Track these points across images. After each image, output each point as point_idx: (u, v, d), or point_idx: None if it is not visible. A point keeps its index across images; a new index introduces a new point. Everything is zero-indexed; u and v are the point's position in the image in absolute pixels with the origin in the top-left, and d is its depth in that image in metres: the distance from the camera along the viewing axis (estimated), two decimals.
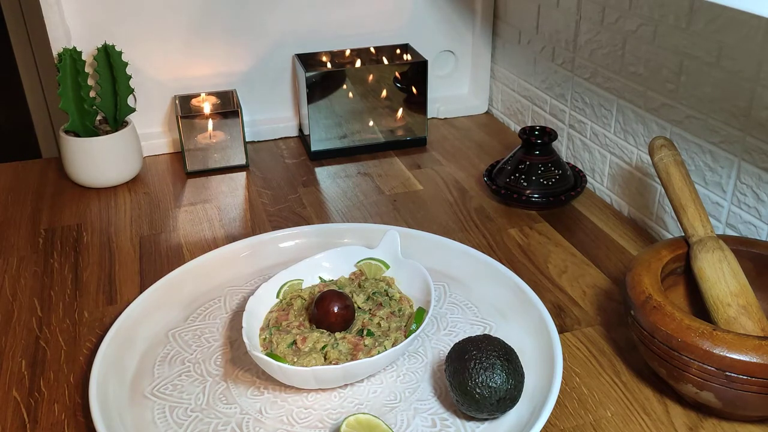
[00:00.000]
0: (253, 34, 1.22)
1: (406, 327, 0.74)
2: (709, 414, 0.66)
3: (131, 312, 0.76)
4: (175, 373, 0.71)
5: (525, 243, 0.94)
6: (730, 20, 0.77)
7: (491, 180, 1.05)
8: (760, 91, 0.76)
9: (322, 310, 0.72)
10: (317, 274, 0.81)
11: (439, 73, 1.37)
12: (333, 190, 1.10)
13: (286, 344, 0.70)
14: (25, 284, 0.87)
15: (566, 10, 1.08)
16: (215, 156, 1.16)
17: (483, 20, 1.32)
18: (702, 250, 0.70)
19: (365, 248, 0.83)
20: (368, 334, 0.72)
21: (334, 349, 0.69)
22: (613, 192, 1.04)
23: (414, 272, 0.79)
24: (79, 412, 0.68)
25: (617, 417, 0.66)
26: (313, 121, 1.18)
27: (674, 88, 0.88)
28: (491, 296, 0.81)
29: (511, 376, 0.61)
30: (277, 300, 0.77)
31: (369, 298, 0.77)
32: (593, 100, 1.05)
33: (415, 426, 0.65)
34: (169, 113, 1.24)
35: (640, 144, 0.97)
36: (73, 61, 1.05)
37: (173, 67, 1.21)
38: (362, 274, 0.82)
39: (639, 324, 0.65)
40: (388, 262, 0.81)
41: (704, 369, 0.60)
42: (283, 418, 0.66)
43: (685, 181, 0.73)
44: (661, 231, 0.95)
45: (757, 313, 0.66)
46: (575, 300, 0.83)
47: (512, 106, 1.31)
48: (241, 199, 1.08)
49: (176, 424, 0.65)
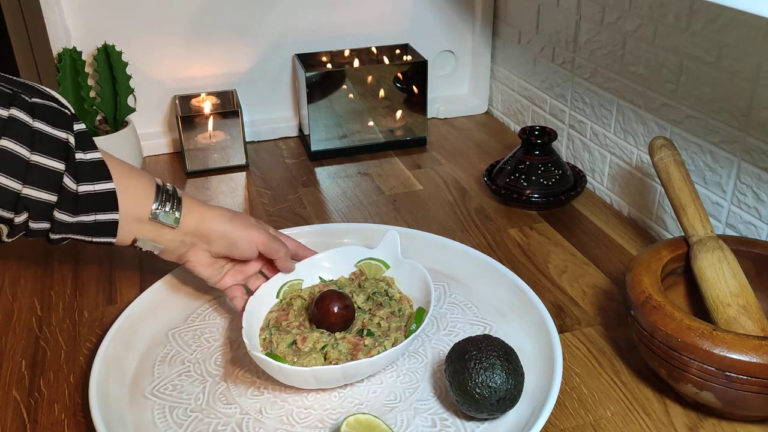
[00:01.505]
0: (253, 34, 1.22)
1: (406, 327, 0.74)
2: (709, 414, 0.66)
3: (131, 312, 0.76)
4: (175, 373, 0.71)
5: (525, 243, 0.94)
6: (730, 20, 0.77)
7: (491, 180, 1.05)
8: (760, 91, 0.76)
9: (322, 310, 0.72)
10: (317, 274, 0.81)
11: (439, 73, 1.37)
12: (333, 190, 1.10)
13: (286, 344, 0.70)
14: (25, 284, 0.87)
15: (566, 10, 1.08)
16: (215, 156, 1.16)
17: (483, 20, 1.32)
18: (702, 250, 0.70)
19: (365, 248, 0.83)
20: (368, 334, 0.72)
21: (334, 349, 0.69)
22: (613, 192, 1.04)
23: (414, 272, 0.79)
24: (79, 412, 0.68)
25: (617, 417, 0.66)
26: (313, 121, 1.18)
27: (674, 88, 0.88)
28: (491, 296, 0.81)
29: (511, 376, 0.61)
30: (277, 300, 0.78)
31: (369, 298, 0.77)
32: (593, 100, 1.05)
33: (415, 426, 0.65)
34: (169, 113, 1.24)
35: (640, 144, 0.97)
36: (73, 61, 1.05)
37: (173, 67, 1.21)
38: (362, 274, 0.82)
39: (639, 324, 0.65)
40: (388, 262, 0.81)
41: (704, 369, 0.60)
42: (283, 418, 0.66)
43: (685, 181, 0.73)
44: (661, 231, 0.95)
45: (757, 313, 0.66)
46: (575, 300, 0.83)
47: (512, 106, 1.31)
48: (241, 199, 1.08)
49: (176, 424, 0.65)
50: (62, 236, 0.65)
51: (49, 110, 0.62)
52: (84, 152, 0.64)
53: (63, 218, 0.63)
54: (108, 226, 0.66)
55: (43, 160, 0.60)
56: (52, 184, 0.61)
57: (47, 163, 0.60)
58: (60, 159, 0.61)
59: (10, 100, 0.59)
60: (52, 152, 0.61)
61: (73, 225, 0.64)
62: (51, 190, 0.61)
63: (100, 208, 0.65)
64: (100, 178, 0.64)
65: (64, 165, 0.61)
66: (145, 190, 0.68)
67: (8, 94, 0.59)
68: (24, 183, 0.59)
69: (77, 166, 0.63)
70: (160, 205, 0.68)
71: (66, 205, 0.62)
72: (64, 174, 0.62)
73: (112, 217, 0.66)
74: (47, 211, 0.62)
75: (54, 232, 0.64)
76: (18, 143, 0.58)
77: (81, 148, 0.64)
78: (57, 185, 0.61)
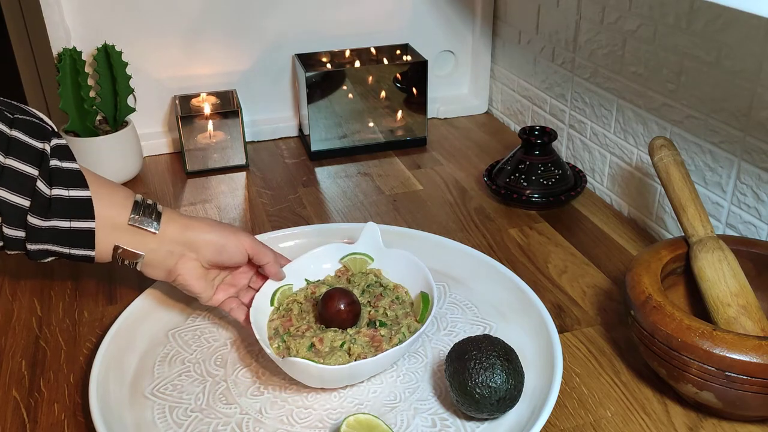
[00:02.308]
0: (253, 34, 1.22)
1: (413, 312, 0.75)
2: (709, 414, 0.66)
3: (131, 312, 0.76)
4: (175, 373, 0.71)
5: (525, 243, 0.94)
6: (730, 20, 0.77)
7: (491, 180, 1.05)
8: (760, 91, 0.76)
9: (333, 308, 0.72)
10: (303, 276, 0.81)
11: (439, 73, 1.37)
12: (333, 190, 1.10)
13: (305, 348, 0.69)
14: (25, 284, 0.87)
15: (566, 10, 1.08)
16: (215, 156, 1.16)
17: (483, 20, 1.32)
18: (702, 250, 0.70)
19: (346, 245, 0.83)
20: (381, 324, 0.72)
21: (355, 345, 0.69)
22: (613, 192, 1.04)
23: (400, 260, 0.79)
24: (79, 412, 0.68)
25: (617, 417, 0.66)
26: (313, 121, 1.18)
27: (674, 88, 0.88)
28: (491, 296, 0.81)
29: (511, 376, 0.61)
30: (272, 308, 0.77)
31: (364, 291, 0.77)
32: (593, 100, 1.05)
33: (415, 426, 0.65)
34: (169, 113, 1.24)
35: (640, 144, 0.97)
36: (73, 61, 1.05)
37: (173, 67, 1.21)
38: (347, 270, 0.82)
39: (639, 324, 0.65)
40: (371, 255, 0.82)
41: (704, 369, 0.60)
42: (283, 418, 0.66)
43: (685, 181, 0.73)
44: (661, 231, 0.95)
45: (757, 313, 0.66)
46: (575, 300, 0.83)
47: (512, 106, 1.31)
48: (241, 199, 1.08)
49: (176, 424, 0.65)
50: (40, 247, 0.65)
51: (29, 123, 0.63)
52: (60, 161, 0.64)
53: (36, 222, 0.63)
54: (85, 235, 0.66)
55: (17, 165, 0.61)
56: (26, 188, 0.62)
57: (21, 168, 0.61)
58: (34, 165, 0.62)
59: None
60: (26, 158, 0.62)
61: (47, 231, 0.64)
62: (24, 194, 0.62)
63: (75, 215, 0.65)
64: (76, 185, 0.65)
65: (38, 171, 0.62)
66: (122, 201, 0.68)
67: None
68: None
69: (51, 171, 0.63)
70: (138, 214, 0.68)
71: (38, 209, 0.63)
72: (38, 178, 0.62)
73: (88, 224, 0.65)
74: (21, 216, 0.62)
75: (30, 241, 0.64)
76: None
77: (58, 157, 0.64)
78: (30, 189, 0.62)
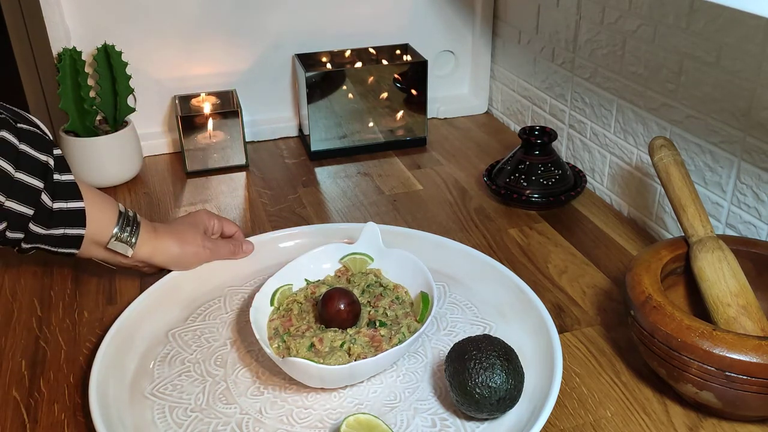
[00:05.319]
0: (253, 34, 1.22)
1: (413, 312, 0.74)
2: (709, 414, 0.66)
3: (131, 312, 0.76)
4: (175, 373, 0.71)
5: (525, 243, 0.94)
6: (730, 20, 0.77)
7: (491, 180, 1.05)
8: (760, 91, 0.76)
9: (333, 308, 0.72)
10: (302, 276, 0.81)
11: (439, 73, 1.37)
12: (333, 190, 1.10)
13: (305, 348, 0.69)
14: (25, 284, 0.87)
15: (566, 10, 1.08)
16: (215, 156, 1.16)
17: (483, 20, 1.32)
18: (702, 250, 0.70)
19: (346, 245, 0.83)
20: (381, 324, 0.72)
21: (355, 345, 0.69)
22: (613, 192, 1.04)
23: (400, 260, 0.79)
24: (79, 412, 0.68)
25: (617, 417, 0.66)
26: (313, 121, 1.18)
27: (674, 88, 0.88)
28: (491, 296, 0.81)
29: (511, 376, 0.61)
30: (272, 308, 0.77)
31: (364, 291, 0.77)
32: (593, 100, 1.05)
33: (415, 426, 0.65)
34: (169, 113, 1.24)
35: (640, 144, 0.97)
36: (73, 61, 1.05)
37: (173, 67, 1.21)
38: (347, 270, 0.82)
39: (639, 324, 0.65)
40: (371, 255, 0.82)
41: (704, 369, 0.60)
42: (283, 418, 0.66)
43: (685, 181, 0.73)
44: (661, 231, 0.95)
45: (757, 313, 0.66)
46: (575, 300, 0.83)
47: (512, 106, 1.31)
48: (241, 199, 1.08)
49: (176, 424, 0.65)
50: (32, 246, 0.74)
51: (34, 135, 0.71)
52: (60, 174, 0.73)
53: (37, 230, 0.72)
54: (74, 239, 0.75)
55: (26, 178, 0.69)
56: (31, 199, 0.70)
57: (29, 181, 0.69)
58: (40, 178, 0.70)
59: (1, 123, 0.68)
60: (33, 171, 0.70)
61: (44, 237, 0.73)
62: (29, 205, 0.70)
63: (70, 224, 0.74)
64: (73, 197, 0.73)
65: (43, 184, 0.70)
66: (108, 214, 0.77)
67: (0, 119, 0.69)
68: (8, 197, 0.68)
69: (54, 185, 0.72)
70: (121, 230, 0.77)
71: (41, 219, 0.71)
72: (43, 191, 0.70)
73: (79, 231, 0.75)
74: (23, 223, 0.70)
75: (26, 242, 0.73)
76: (6, 161, 0.67)
77: (58, 170, 0.72)
78: (35, 201, 0.70)
